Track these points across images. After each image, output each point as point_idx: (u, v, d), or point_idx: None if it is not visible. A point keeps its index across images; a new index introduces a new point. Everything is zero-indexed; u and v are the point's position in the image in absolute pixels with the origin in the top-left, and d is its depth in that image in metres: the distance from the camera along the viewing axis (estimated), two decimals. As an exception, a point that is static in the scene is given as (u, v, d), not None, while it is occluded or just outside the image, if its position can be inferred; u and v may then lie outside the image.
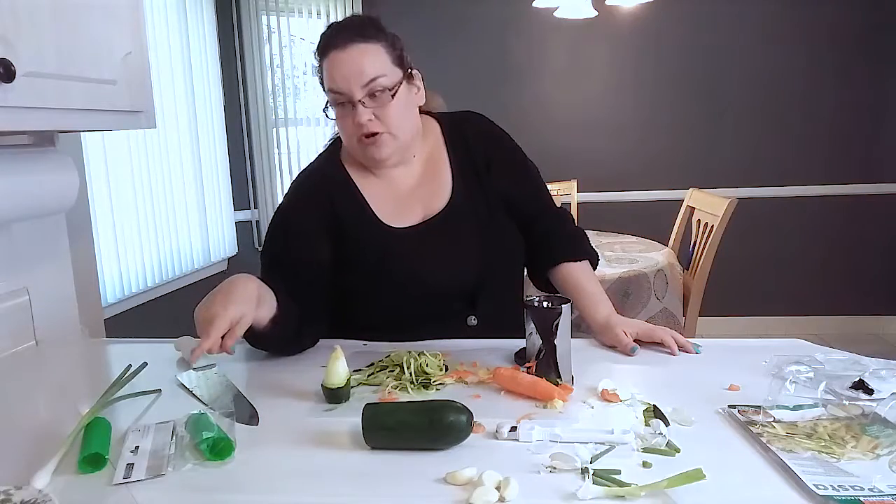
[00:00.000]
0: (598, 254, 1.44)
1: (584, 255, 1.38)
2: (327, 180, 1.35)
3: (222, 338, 1.03)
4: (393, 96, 1.25)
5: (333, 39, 1.25)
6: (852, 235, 4.00)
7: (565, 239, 1.39)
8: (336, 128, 1.46)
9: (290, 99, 4.03)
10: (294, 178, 1.41)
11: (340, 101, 1.26)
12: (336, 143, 1.41)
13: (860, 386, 0.99)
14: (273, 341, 1.21)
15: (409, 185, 1.36)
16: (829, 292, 4.04)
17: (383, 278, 1.29)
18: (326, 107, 1.30)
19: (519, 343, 1.15)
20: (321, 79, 1.30)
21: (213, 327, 1.01)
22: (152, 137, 3.05)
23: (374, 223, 1.32)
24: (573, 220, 1.47)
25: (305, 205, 1.33)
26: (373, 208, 1.33)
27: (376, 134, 1.26)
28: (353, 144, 1.30)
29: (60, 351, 1.42)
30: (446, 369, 1.13)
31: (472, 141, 1.38)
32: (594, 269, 1.40)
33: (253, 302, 1.09)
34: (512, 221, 1.37)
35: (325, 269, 1.29)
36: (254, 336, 1.16)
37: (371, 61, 1.24)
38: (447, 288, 1.30)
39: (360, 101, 1.23)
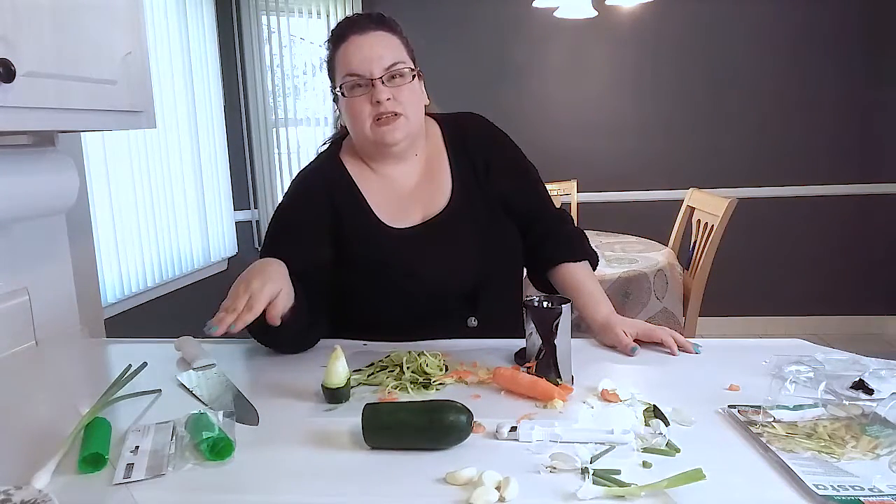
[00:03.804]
0: (598, 254, 1.44)
1: (583, 256, 1.38)
2: (327, 180, 1.35)
3: (262, 312, 1.06)
4: (413, 77, 1.28)
5: (353, 25, 1.28)
6: (852, 235, 4.00)
7: (565, 239, 1.39)
8: (336, 127, 1.46)
9: (290, 99, 4.03)
10: (294, 177, 1.41)
11: (358, 84, 1.26)
12: (336, 143, 1.41)
13: (860, 386, 0.99)
14: (287, 333, 1.19)
15: (409, 185, 1.36)
16: (829, 292, 4.04)
17: (383, 278, 1.29)
18: (336, 97, 1.30)
19: (519, 343, 1.15)
20: (330, 69, 1.31)
21: (256, 301, 1.04)
22: (152, 137, 3.05)
23: (373, 223, 1.32)
24: (573, 220, 1.47)
25: (305, 204, 1.33)
26: (373, 208, 1.33)
27: (392, 115, 1.26)
28: (365, 129, 1.28)
29: (60, 351, 1.42)
30: (446, 369, 1.13)
31: (472, 142, 1.38)
32: (594, 269, 1.40)
33: (289, 281, 1.14)
34: (511, 222, 1.37)
35: (325, 269, 1.29)
36: (268, 327, 1.16)
37: (391, 49, 1.27)
38: (447, 288, 1.30)
39: (379, 78, 1.24)
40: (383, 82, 1.25)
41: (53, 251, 1.52)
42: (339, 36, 1.28)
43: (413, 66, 1.30)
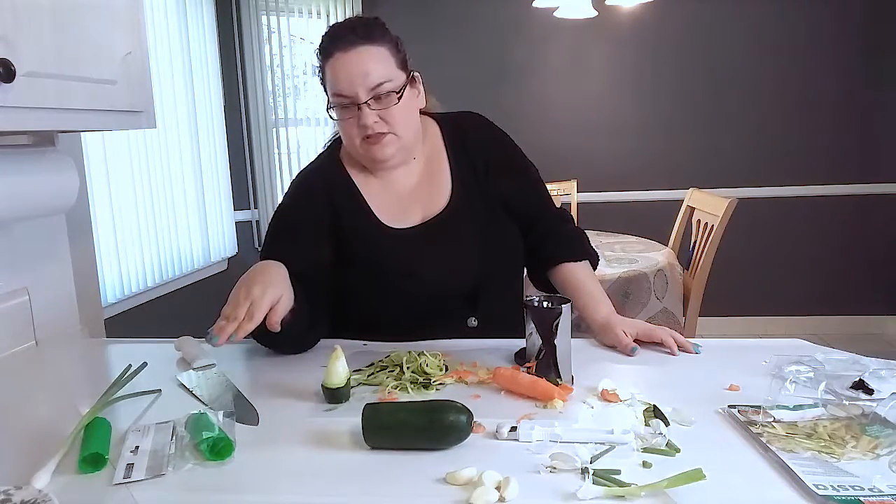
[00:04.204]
0: (598, 254, 1.44)
1: (583, 256, 1.38)
2: (327, 180, 1.35)
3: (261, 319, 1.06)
4: (399, 99, 1.25)
5: (337, 41, 1.24)
6: (852, 235, 4.00)
7: (565, 239, 1.39)
8: (336, 127, 1.46)
9: (290, 99, 4.03)
10: (294, 177, 1.41)
11: (345, 104, 1.25)
12: (336, 143, 1.41)
13: (860, 386, 0.99)
14: (287, 336, 1.18)
15: (409, 185, 1.36)
16: (829, 292, 4.04)
17: (383, 279, 1.29)
18: (329, 107, 1.29)
19: (519, 343, 1.15)
20: (322, 79, 1.30)
21: (256, 309, 1.04)
22: (152, 137, 3.05)
23: (373, 224, 1.32)
24: (573, 220, 1.47)
25: (306, 204, 1.33)
26: (373, 209, 1.33)
27: (380, 134, 1.25)
28: (354, 146, 1.29)
29: (60, 351, 1.42)
30: (446, 369, 1.13)
31: (472, 142, 1.38)
32: (594, 269, 1.40)
33: (289, 285, 1.13)
34: (512, 222, 1.37)
35: (325, 269, 1.29)
36: (269, 331, 1.15)
37: (376, 65, 1.23)
38: (447, 289, 1.30)
39: (365, 102, 1.23)
40: (369, 105, 1.23)
41: (53, 251, 1.52)
42: (325, 51, 1.26)
43: (405, 75, 1.28)
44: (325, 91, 1.30)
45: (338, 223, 1.31)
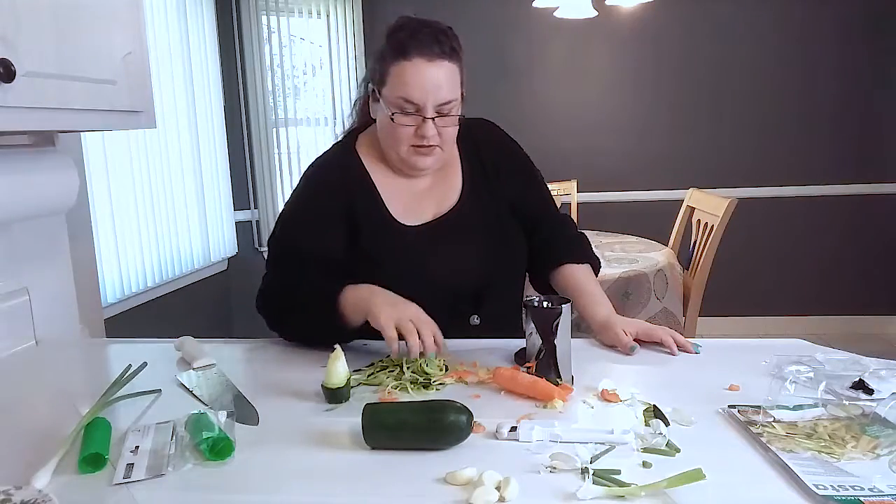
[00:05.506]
0: (598, 254, 1.45)
1: (585, 259, 1.39)
2: (345, 172, 1.35)
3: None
4: (460, 119, 1.27)
5: (421, 47, 1.22)
6: (852, 235, 4.00)
7: (567, 242, 1.41)
8: (341, 126, 1.46)
9: (290, 99, 4.03)
10: (307, 168, 1.40)
11: (408, 111, 1.24)
12: (351, 136, 1.41)
13: (860, 386, 1.00)
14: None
15: (423, 184, 1.37)
16: (829, 292, 4.04)
17: (391, 274, 1.29)
18: (375, 95, 1.28)
19: (519, 343, 1.15)
20: (381, 69, 1.26)
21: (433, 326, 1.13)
22: (152, 137, 3.05)
23: (386, 219, 1.32)
24: (576, 226, 1.49)
25: (322, 194, 1.34)
26: (386, 204, 1.33)
27: (431, 147, 1.27)
28: (400, 149, 1.28)
29: (60, 351, 1.42)
30: (446, 369, 1.13)
31: (483, 146, 1.40)
32: (596, 274, 1.40)
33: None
34: (517, 224, 1.38)
35: (334, 262, 1.29)
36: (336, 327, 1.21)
37: (450, 83, 1.24)
38: (453, 286, 1.31)
39: (432, 118, 1.23)
40: (433, 120, 1.24)
41: (53, 251, 1.52)
42: (403, 49, 1.23)
43: (463, 95, 1.29)
44: (378, 78, 1.27)
45: (352, 215, 1.31)
